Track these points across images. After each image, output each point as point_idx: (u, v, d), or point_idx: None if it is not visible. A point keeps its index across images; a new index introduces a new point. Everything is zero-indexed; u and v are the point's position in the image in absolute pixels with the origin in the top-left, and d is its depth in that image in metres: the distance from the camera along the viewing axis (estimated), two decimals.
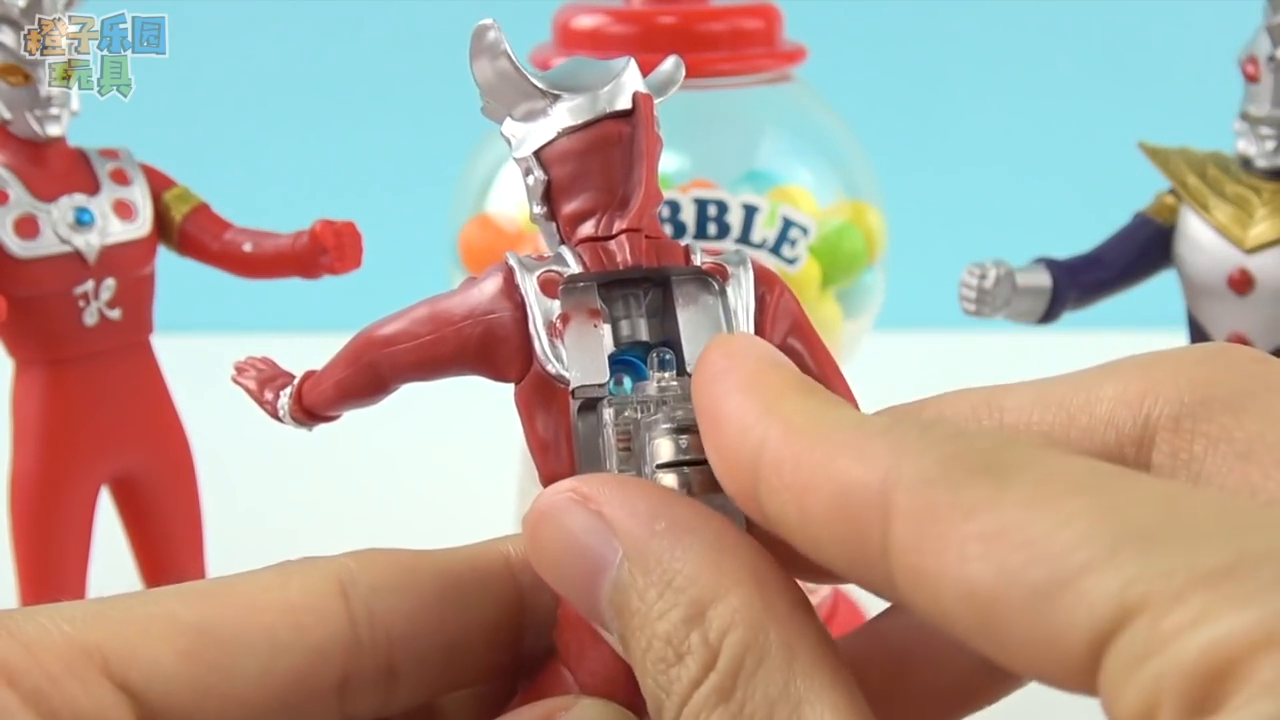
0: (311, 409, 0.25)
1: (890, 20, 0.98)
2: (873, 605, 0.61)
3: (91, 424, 0.47)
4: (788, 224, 0.50)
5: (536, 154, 0.24)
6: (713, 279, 0.23)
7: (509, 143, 0.24)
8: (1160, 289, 0.49)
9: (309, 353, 0.29)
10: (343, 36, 0.99)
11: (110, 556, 0.50)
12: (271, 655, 0.20)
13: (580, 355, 0.22)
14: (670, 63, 0.25)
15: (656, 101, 0.24)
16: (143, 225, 0.47)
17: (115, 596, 0.21)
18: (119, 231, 0.46)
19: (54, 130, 0.45)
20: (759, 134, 0.55)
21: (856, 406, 0.24)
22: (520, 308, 0.22)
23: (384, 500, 0.73)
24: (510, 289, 0.22)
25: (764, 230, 0.49)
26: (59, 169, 0.46)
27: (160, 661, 0.19)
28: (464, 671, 0.23)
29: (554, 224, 0.24)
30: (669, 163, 0.52)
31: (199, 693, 0.20)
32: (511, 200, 0.53)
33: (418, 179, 0.80)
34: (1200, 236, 0.46)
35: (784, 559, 0.20)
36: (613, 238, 0.23)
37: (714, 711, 0.18)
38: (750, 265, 0.24)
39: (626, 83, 0.23)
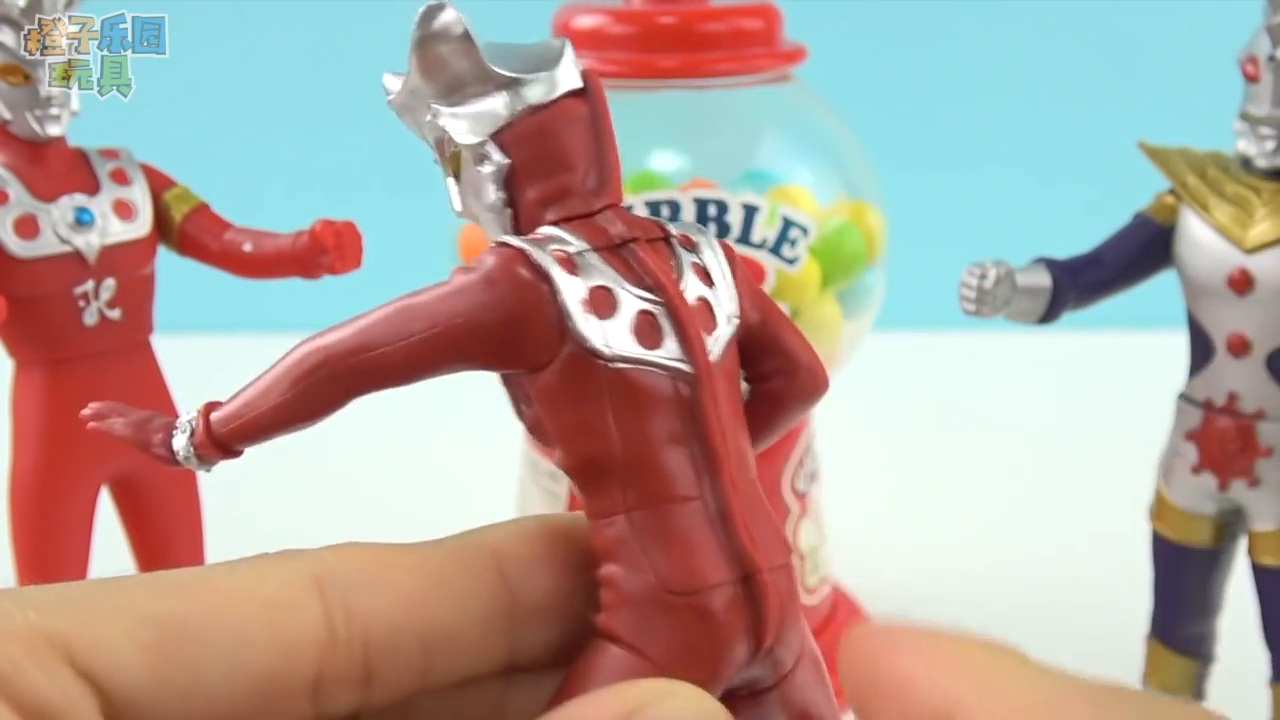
0: (230, 442, 0.23)
1: (890, 20, 0.98)
2: (872, 604, 0.61)
3: None
4: (788, 224, 0.50)
5: (494, 137, 0.23)
6: (686, 248, 0.24)
7: (447, 133, 0.23)
8: (1160, 289, 0.49)
9: None
10: (343, 37, 0.99)
11: (110, 556, 0.50)
12: (241, 651, 0.20)
13: (611, 327, 0.22)
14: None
15: None
16: (143, 225, 0.47)
17: (84, 583, 0.20)
18: (119, 231, 0.46)
19: (54, 130, 0.45)
20: (759, 134, 0.55)
21: (815, 355, 0.24)
22: (542, 287, 0.22)
23: (385, 499, 0.73)
24: (527, 270, 0.22)
25: (764, 230, 0.49)
26: (59, 169, 0.46)
27: (123, 653, 0.19)
28: (446, 668, 0.22)
29: (510, 211, 0.23)
30: (669, 162, 0.52)
31: (163, 687, 0.19)
32: None
33: (418, 179, 0.80)
34: (1200, 236, 0.46)
35: None
36: (596, 214, 0.23)
37: None
38: (714, 237, 0.24)
39: (570, 61, 0.23)
